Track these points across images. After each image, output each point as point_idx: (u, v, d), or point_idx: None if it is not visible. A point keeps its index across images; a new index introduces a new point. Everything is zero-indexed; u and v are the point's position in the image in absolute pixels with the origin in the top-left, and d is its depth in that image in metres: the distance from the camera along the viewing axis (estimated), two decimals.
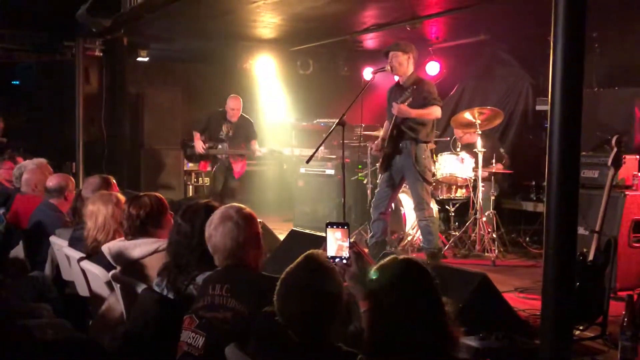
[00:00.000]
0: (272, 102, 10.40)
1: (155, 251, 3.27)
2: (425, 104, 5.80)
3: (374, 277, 2.10)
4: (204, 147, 8.18)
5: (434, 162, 6.53)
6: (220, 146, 8.22)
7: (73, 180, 5.24)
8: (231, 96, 8.23)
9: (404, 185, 6.51)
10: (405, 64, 5.90)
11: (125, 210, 3.44)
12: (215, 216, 2.68)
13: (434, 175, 6.36)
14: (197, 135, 8.21)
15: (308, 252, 2.29)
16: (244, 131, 8.26)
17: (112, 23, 8.00)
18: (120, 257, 3.33)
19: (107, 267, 3.41)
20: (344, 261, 2.38)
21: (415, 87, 5.78)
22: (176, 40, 9.11)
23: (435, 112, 5.83)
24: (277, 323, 2.17)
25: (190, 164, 9.89)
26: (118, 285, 3.25)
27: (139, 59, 9.39)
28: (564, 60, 2.90)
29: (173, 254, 2.91)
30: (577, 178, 3.02)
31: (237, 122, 8.22)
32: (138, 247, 3.31)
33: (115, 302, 3.36)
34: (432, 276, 2.07)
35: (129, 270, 3.27)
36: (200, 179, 10.24)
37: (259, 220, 2.83)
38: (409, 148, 5.86)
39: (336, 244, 2.42)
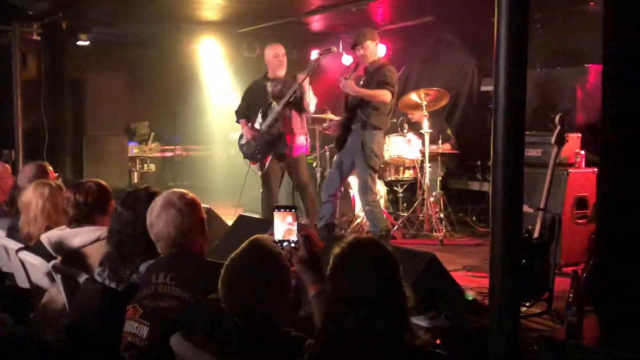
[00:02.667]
0: (218, 86, 10.25)
1: (97, 239, 3.17)
2: (378, 87, 5.78)
3: (332, 258, 2.04)
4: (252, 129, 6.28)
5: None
6: (268, 116, 6.23)
7: (8, 168, 5.08)
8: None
9: None
10: (375, 51, 5.96)
11: (71, 198, 3.34)
12: (157, 203, 2.60)
13: (382, 159, 6.32)
14: (243, 124, 6.45)
15: (252, 237, 2.24)
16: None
17: (50, 6, 7.73)
18: (60, 246, 3.22)
19: (48, 257, 3.30)
20: (292, 245, 2.33)
21: (376, 69, 5.81)
22: (118, 23, 8.87)
23: (384, 95, 5.75)
24: (223, 310, 2.12)
25: (135, 151, 9.71)
26: (59, 276, 3.14)
27: (79, 43, 9.11)
28: (508, 40, 2.90)
29: (115, 242, 2.82)
30: (522, 157, 3.03)
31: (286, 78, 6.29)
32: (78, 236, 3.22)
33: (56, 294, 3.25)
34: (395, 257, 2.04)
35: (70, 260, 3.17)
36: (145, 165, 10.04)
37: (204, 206, 2.76)
38: (359, 132, 5.85)
39: (284, 227, 2.38)
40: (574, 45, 7.05)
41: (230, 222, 5.58)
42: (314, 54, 9.11)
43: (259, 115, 6.28)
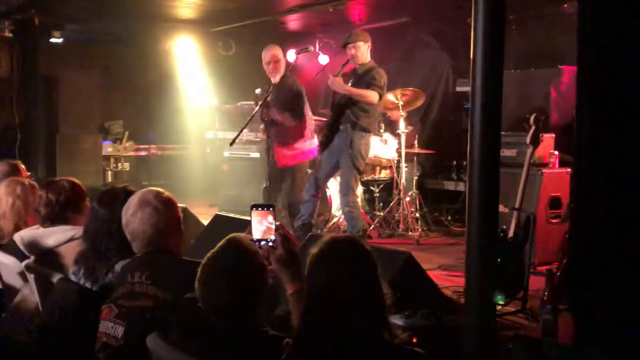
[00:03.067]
0: (193, 84, 10.19)
1: (72, 239, 3.12)
2: (366, 88, 5.78)
3: (310, 257, 2.03)
4: None
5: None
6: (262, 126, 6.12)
7: None
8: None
9: None
10: (366, 53, 5.92)
11: (43, 196, 3.28)
12: (133, 201, 2.57)
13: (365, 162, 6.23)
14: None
15: (229, 235, 2.22)
16: (284, 96, 5.98)
17: (23, 2, 7.62)
18: (33, 246, 3.17)
19: (20, 256, 3.24)
20: (270, 244, 2.32)
21: (366, 71, 5.82)
22: (92, 21, 8.76)
23: (372, 96, 5.72)
24: (200, 309, 2.11)
25: (109, 150, 9.61)
26: (32, 276, 3.09)
27: (53, 40, 8.99)
28: (485, 42, 2.93)
29: (90, 241, 2.79)
30: (498, 157, 3.07)
31: (279, 84, 6.00)
32: (53, 235, 3.17)
33: (29, 294, 3.20)
34: (372, 255, 2.04)
35: (44, 260, 3.12)
36: (119, 164, 9.95)
37: (180, 205, 2.74)
38: (348, 132, 5.82)
39: (262, 226, 2.36)
40: (548, 47, 7.12)
41: (205, 222, 5.54)
42: (291, 53, 9.10)
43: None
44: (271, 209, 2.36)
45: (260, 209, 2.36)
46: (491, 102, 2.97)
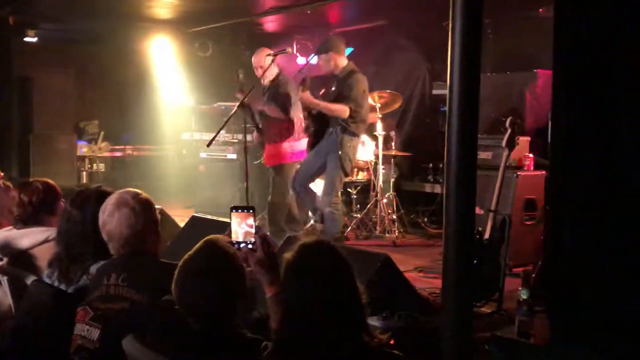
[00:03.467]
0: (170, 85, 10.12)
1: (46, 240, 3.08)
2: (339, 100, 5.77)
3: (286, 260, 2.03)
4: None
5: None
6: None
7: None
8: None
9: None
10: (331, 62, 5.87)
11: (17, 197, 3.24)
12: (110, 202, 2.54)
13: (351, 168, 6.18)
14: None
15: (207, 237, 2.21)
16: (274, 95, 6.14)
17: None
18: (6, 247, 3.13)
19: None
20: (250, 246, 2.31)
21: (345, 77, 5.81)
22: (67, 19, 8.67)
23: (341, 111, 5.71)
24: (177, 312, 2.09)
25: (84, 150, 9.50)
26: (5, 278, 3.05)
27: (27, 39, 8.87)
28: (462, 45, 2.93)
29: (64, 243, 2.75)
30: (475, 159, 3.08)
31: (270, 87, 6.21)
32: (26, 237, 3.12)
33: (2, 296, 3.15)
34: (345, 257, 2.04)
35: (17, 261, 3.08)
36: (94, 165, 9.84)
37: (157, 206, 2.72)
38: (338, 134, 5.78)
39: (241, 229, 2.35)
40: (524, 51, 7.18)
41: (182, 224, 5.50)
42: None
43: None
44: (251, 211, 2.35)
45: (240, 210, 2.35)
46: (468, 105, 2.97)
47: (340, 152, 5.75)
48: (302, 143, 6.22)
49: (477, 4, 2.94)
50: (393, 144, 7.16)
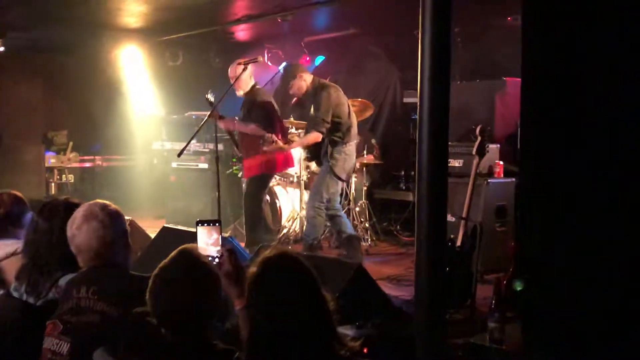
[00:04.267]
0: (140, 94, 10.05)
1: (14, 253, 3.03)
2: (309, 129, 5.83)
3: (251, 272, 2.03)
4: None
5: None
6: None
7: None
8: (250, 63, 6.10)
9: (279, 177, 6.62)
10: (302, 83, 5.86)
11: None
12: (78, 214, 2.51)
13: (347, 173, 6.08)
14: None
15: (181, 246, 2.20)
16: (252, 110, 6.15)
17: None
18: None
19: None
20: (216, 260, 2.31)
21: (313, 95, 5.84)
22: (35, 28, 8.56)
23: (314, 140, 5.79)
24: (149, 323, 2.07)
25: (53, 161, 9.37)
26: None
27: None
28: (432, 53, 2.96)
29: (31, 254, 2.71)
30: (446, 167, 3.10)
31: (245, 99, 6.23)
32: None
33: None
34: (309, 268, 2.04)
35: None
36: (63, 176, 9.71)
37: (126, 217, 2.69)
38: (328, 148, 5.85)
39: (208, 242, 2.34)
40: (492, 59, 7.26)
41: (152, 235, 5.45)
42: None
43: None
44: (217, 224, 2.34)
45: (206, 224, 2.35)
46: (438, 113, 3.00)
47: (330, 161, 5.78)
48: (288, 156, 6.34)
49: (446, 12, 2.98)
50: (365, 151, 7.18)
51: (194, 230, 3.88)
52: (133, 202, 8.62)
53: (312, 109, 5.85)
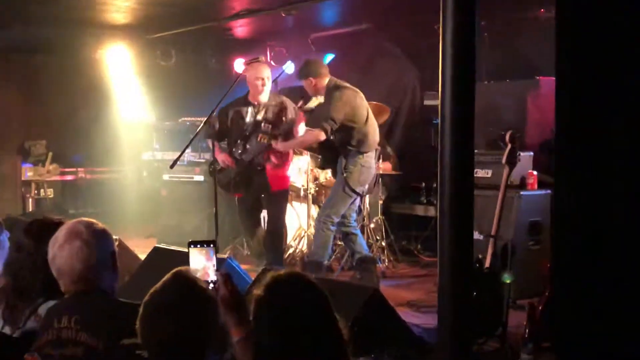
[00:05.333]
0: (128, 99, 10.11)
1: None
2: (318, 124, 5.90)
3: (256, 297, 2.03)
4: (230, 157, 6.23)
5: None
6: (248, 146, 6.31)
7: None
8: (253, 62, 6.31)
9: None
10: (312, 87, 6.05)
11: None
12: (61, 233, 2.53)
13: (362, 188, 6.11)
14: (216, 146, 6.09)
15: (175, 269, 2.21)
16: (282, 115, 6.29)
17: None
18: None
19: None
20: (212, 285, 2.31)
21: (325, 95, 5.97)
22: (10, 26, 8.64)
23: (314, 137, 5.90)
24: (139, 357, 2.08)
25: (30, 174, 9.43)
26: None
27: None
28: (454, 49, 2.98)
29: (12, 275, 2.73)
30: (472, 178, 3.11)
31: (268, 104, 6.31)
32: None
33: None
34: (322, 290, 2.05)
35: None
36: (42, 190, 9.76)
37: (114, 237, 2.71)
38: (341, 161, 5.95)
39: (201, 265, 2.35)
40: (523, 56, 7.26)
41: (142, 256, 5.48)
42: (239, 63, 9.12)
43: (239, 143, 6.31)
44: (212, 245, 2.35)
45: (199, 245, 2.36)
46: (462, 118, 3.02)
47: (345, 173, 5.86)
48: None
49: (470, 3, 3.00)
50: (380, 161, 7.17)
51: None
52: (120, 219, 8.65)
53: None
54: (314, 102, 6.29)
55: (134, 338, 2.13)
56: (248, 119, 6.28)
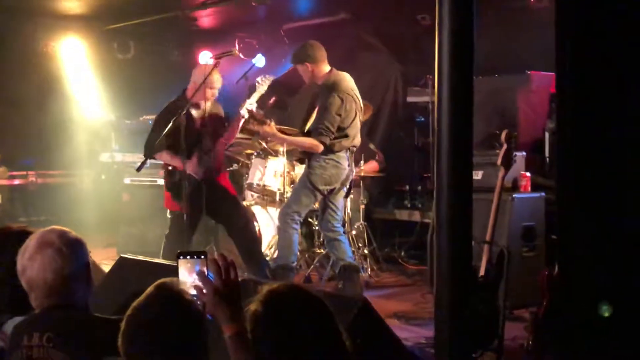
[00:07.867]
0: (84, 95, 10.04)
1: None
2: (314, 132, 5.89)
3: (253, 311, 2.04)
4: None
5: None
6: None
7: None
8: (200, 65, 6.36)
9: (257, 195, 6.65)
10: (308, 73, 6.03)
11: None
12: (31, 242, 2.52)
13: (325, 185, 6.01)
14: (169, 156, 5.97)
15: (158, 281, 2.21)
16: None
17: None
18: None
19: None
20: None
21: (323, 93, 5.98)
22: None
23: (313, 148, 5.84)
24: None
25: None
26: None
27: None
28: (452, 43, 3.00)
29: None
30: (470, 181, 3.15)
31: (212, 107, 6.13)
32: None
33: None
34: (323, 301, 2.06)
35: None
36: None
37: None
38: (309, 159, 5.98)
39: (192, 279, 2.35)
40: (513, 49, 7.29)
41: (104, 267, 5.44)
42: (204, 57, 9.08)
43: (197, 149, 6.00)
44: (202, 257, 2.35)
45: (188, 257, 2.36)
46: (461, 116, 3.05)
47: (309, 169, 5.90)
48: None
49: None
50: (362, 162, 7.18)
51: (157, 260, 3.87)
52: (76, 227, 8.35)
53: (316, 110, 5.98)
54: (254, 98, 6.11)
55: (115, 356, 2.12)
56: (197, 122, 6.00)
